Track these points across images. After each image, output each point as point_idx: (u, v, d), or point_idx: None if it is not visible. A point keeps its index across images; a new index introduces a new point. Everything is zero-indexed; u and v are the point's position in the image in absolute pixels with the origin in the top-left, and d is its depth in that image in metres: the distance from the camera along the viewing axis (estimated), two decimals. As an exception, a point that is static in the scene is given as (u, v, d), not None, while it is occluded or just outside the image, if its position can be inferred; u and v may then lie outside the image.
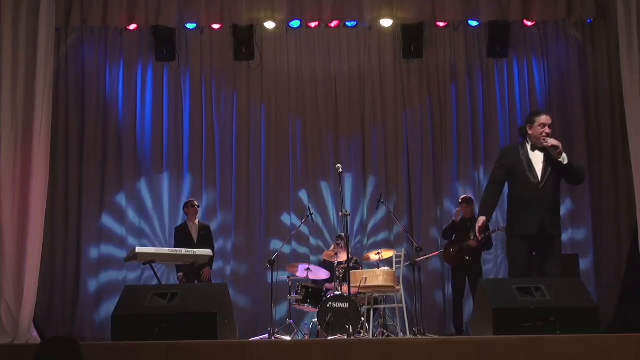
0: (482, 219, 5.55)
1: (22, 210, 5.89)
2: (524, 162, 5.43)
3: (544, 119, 5.45)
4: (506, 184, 5.63)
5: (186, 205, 8.60)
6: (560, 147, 5.36)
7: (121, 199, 9.20)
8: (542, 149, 5.42)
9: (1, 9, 6.02)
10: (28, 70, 6.04)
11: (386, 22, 8.82)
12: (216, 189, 9.32)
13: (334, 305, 7.34)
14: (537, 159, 5.43)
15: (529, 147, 5.48)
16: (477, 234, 5.58)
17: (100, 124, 9.24)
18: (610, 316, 8.31)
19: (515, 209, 5.50)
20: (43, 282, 6.90)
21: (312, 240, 9.26)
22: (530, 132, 5.50)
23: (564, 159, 5.36)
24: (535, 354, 4.22)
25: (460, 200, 8.55)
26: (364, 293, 7.52)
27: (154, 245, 8.79)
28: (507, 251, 5.78)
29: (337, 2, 8.56)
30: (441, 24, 9.25)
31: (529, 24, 9.06)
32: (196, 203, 8.59)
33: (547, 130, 5.41)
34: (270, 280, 8.06)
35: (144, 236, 9.14)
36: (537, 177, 5.38)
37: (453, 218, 8.51)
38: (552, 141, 5.37)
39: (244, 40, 9.18)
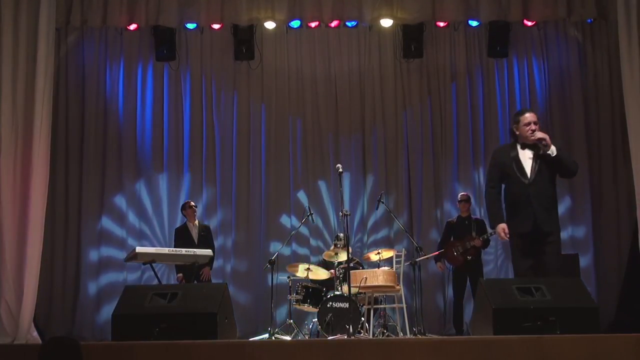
0: (501, 226, 5.49)
1: (22, 210, 5.88)
2: (514, 162, 5.48)
3: (528, 117, 5.50)
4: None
5: (184, 206, 8.57)
6: (547, 139, 5.38)
7: (121, 199, 9.21)
8: (531, 146, 5.46)
9: (1, 9, 6.02)
10: (28, 70, 6.03)
11: (386, 22, 8.80)
12: (216, 188, 9.32)
13: (334, 305, 7.33)
14: (526, 157, 5.48)
15: (518, 147, 5.53)
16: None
17: (100, 124, 9.25)
18: (610, 316, 8.31)
19: (510, 207, 5.56)
20: (43, 282, 6.87)
21: (312, 241, 9.26)
22: (517, 132, 5.56)
23: (553, 151, 5.38)
24: (535, 354, 4.22)
25: (458, 199, 8.56)
26: (364, 293, 7.51)
27: (153, 245, 8.79)
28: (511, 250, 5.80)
29: (337, 2, 8.55)
30: (441, 24, 9.27)
31: (529, 24, 9.06)
32: (193, 204, 8.56)
33: (532, 127, 5.44)
34: (270, 280, 8.06)
35: (144, 236, 9.14)
36: (527, 175, 5.43)
37: (449, 219, 8.58)
38: (539, 134, 5.41)
39: (244, 40, 9.19)
